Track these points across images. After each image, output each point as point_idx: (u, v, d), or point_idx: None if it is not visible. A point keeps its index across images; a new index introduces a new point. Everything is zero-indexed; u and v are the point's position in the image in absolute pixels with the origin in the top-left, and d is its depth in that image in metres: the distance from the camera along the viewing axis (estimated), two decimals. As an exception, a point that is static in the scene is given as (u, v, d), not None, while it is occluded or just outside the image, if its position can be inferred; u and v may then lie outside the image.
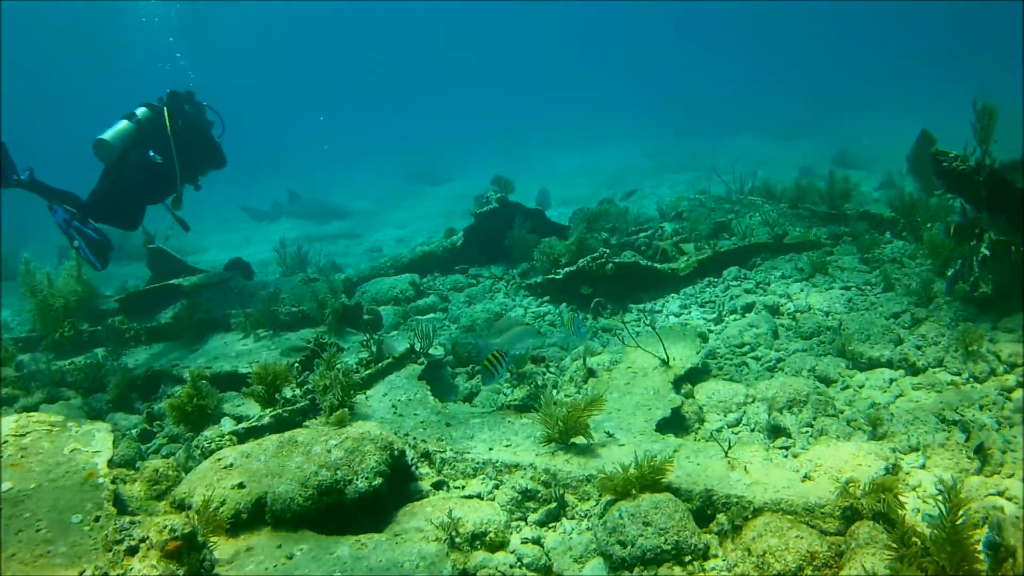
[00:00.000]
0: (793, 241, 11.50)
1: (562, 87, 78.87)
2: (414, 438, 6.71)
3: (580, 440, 6.33)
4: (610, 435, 6.53)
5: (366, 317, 10.42)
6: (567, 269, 10.80)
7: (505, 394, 8.38)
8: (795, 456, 6.27)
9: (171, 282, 11.48)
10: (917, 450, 6.33)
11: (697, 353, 8.26)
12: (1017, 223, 8.24)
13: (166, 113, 10.51)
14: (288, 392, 7.59)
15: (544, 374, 8.74)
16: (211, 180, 11.81)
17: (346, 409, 6.68)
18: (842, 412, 7.14)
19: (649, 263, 11.03)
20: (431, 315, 11.35)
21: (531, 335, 7.45)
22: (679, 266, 11.00)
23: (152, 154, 10.26)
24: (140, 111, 10.46)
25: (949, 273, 9.34)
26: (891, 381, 7.68)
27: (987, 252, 8.60)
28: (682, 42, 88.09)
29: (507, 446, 6.45)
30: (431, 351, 8.85)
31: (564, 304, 10.90)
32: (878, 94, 44.66)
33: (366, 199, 32.31)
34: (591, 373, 8.25)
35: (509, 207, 12.90)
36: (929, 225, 11.26)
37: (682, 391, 7.59)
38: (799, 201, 13.44)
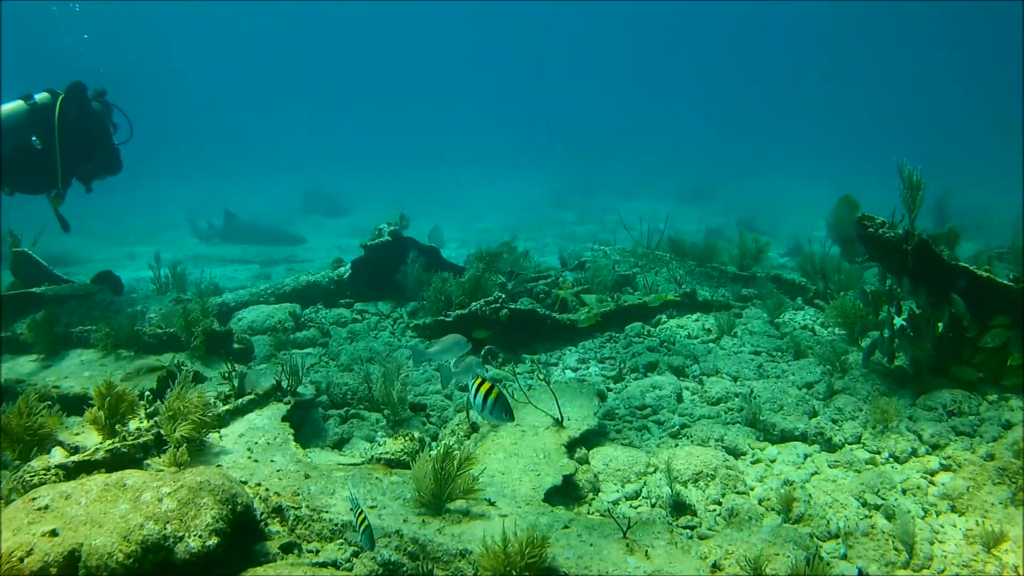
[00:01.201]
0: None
1: (473, 122, 79.50)
2: (267, 489, 5.65)
3: (458, 504, 5.37)
4: (491, 503, 5.56)
5: (236, 346, 9.39)
6: (458, 312, 9.88)
7: (379, 443, 7.36)
8: (702, 539, 5.42)
9: (29, 290, 10.57)
10: (837, 536, 5.57)
11: (594, 414, 7.36)
12: (940, 295, 7.72)
13: (58, 102, 10.00)
14: (134, 424, 6.44)
15: (424, 424, 7.77)
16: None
17: (185, 448, 5.65)
18: (752, 489, 6.36)
19: (547, 312, 10.19)
20: (309, 350, 10.34)
21: (478, 366, 6.68)
22: (579, 318, 10.17)
23: (34, 139, 9.76)
24: (40, 96, 10.09)
25: (864, 344, 8.80)
26: (805, 457, 6.95)
27: (904, 324, 8.08)
28: (593, 94, 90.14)
29: (372, 507, 5.45)
30: (300, 389, 7.80)
31: (452, 349, 9.99)
32: (778, 164, 45.91)
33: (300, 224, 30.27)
34: (475, 428, 7.29)
35: (402, 241, 11.95)
36: (842, 293, 10.79)
37: (576, 455, 6.67)
38: (706, 260, 12.87)
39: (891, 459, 6.76)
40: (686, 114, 79.06)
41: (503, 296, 9.89)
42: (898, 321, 8.19)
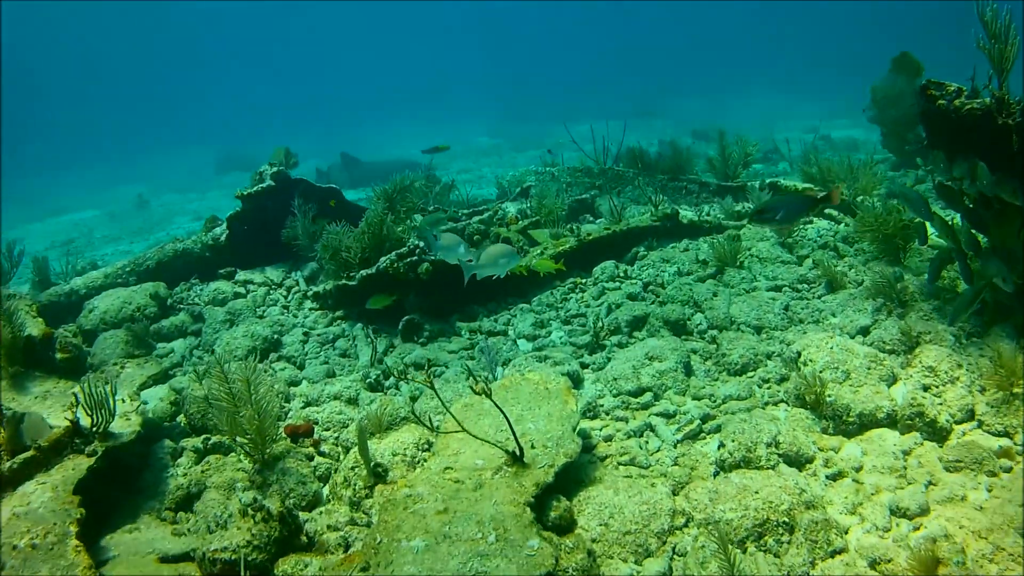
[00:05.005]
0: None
1: (399, 69, 75.49)
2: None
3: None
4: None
5: (59, 356, 6.58)
6: (364, 272, 7.15)
7: (240, 500, 4.72)
8: None
9: None
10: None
11: (572, 428, 4.53)
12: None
13: None
14: None
15: (312, 459, 5.11)
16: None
17: None
18: (848, 532, 3.82)
19: (486, 260, 7.47)
20: (179, 341, 7.70)
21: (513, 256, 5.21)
22: (528, 262, 7.44)
23: None
24: None
25: (911, 262, 6.37)
26: (905, 455, 4.42)
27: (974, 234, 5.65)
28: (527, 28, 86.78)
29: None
30: (115, 427, 5.03)
31: (360, 324, 7.28)
32: (729, 77, 43.52)
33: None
34: (379, 476, 4.56)
35: (291, 185, 9.06)
36: (862, 199, 8.27)
37: (551, 516, 3.90)
38: (679, 171, 10.25)
39: (1035, 445, 4.31)
40: (622, 37, 75.39)
41: (420, 244, 7.17)
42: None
